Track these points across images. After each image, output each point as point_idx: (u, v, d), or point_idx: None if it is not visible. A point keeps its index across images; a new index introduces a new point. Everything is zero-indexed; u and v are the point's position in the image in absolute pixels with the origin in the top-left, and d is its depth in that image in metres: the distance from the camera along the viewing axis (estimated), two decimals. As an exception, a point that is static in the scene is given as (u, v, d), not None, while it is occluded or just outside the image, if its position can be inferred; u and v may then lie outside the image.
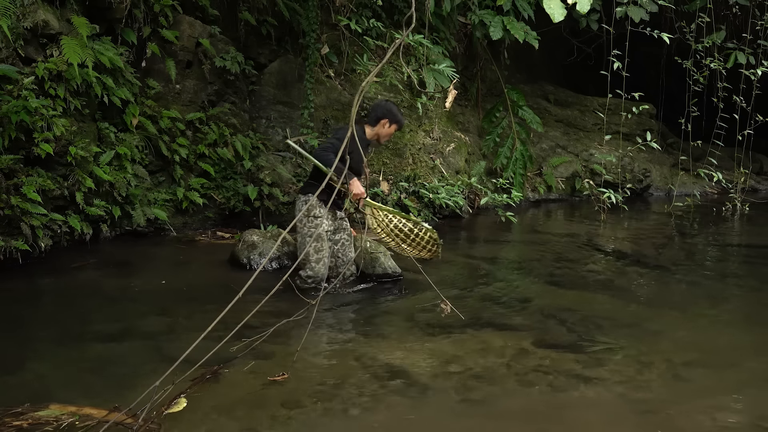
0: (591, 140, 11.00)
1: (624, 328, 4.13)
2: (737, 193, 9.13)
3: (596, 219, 8.32)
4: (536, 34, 8.26)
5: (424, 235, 4.62)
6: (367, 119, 4.87)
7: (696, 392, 3.22)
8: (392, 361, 3.49)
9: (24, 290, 4.62)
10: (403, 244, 4.62)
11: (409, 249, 4.64)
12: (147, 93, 6.33)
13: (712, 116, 8.97)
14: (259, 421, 2.82)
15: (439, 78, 7.62)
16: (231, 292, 3.47)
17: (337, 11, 7.61)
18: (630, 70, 7.96)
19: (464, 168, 8.85)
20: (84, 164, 5.45)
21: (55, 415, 2.75)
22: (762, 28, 9.01)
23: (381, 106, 4.87)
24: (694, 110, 8.85)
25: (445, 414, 2.93)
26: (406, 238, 4.60)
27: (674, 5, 9.36)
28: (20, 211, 4.81)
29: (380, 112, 4.79)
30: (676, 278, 5.51)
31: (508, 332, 4.01)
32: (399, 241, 4.62)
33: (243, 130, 7.07)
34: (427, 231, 4.63)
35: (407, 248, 4.64)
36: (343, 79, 7.84)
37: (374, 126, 4.78)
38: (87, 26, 5.47)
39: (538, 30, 8.40)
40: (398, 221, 4.57)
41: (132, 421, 2.67)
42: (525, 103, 9.71)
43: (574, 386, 3.21)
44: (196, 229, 6.58)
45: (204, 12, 6.88)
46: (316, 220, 4.64)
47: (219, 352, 3.15)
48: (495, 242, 7.08)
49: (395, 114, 4.80)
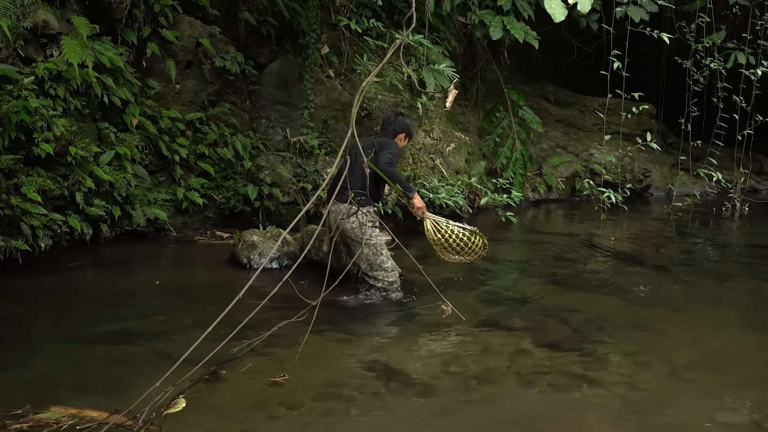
0: (591, 140, 11.01)
1: (624, 328, 4.13)
2: (737, 193, 9.13)
3: (596, 219, 8.32)
4: (536, 34, 8.26)
5: (478, 241, 4.67)
6: (381, 131, 4.92)
7: (696, 392, 3.22)
8: (392, 361, 3.49)
9: (24, 290, 4.62)
10: (458, 254, 4.68)
11: (462, 256, 4.70)
12: (147, 93, 6.33)
13: (712, 116, 8.97)
14: (260, 421, 2.82)
15: (439, 78, 7.62)
16: (231, 292, 3.47)
17: (337, 11, 7.61)
18: (630, 70, 7.96)
19: (464, 168, 8.85)
20: (84, 164, 5.45)
21: (56, 418, 2.74)
22: (762, 28, 9.01)
23: (399, 120, 4.87)
24: (694, 110, 8.85)
25: (446, 414, 2.93)
26: (464, 246, 4.64)
27: (674, 5, 9.36)
28: (20, 211, 4.81)
29: (399, 126, 4.84)
30: (676, 278, 5.51)
31: (508, 332, 4.01)
32: (457, 251, 4.67)
33: (243, 130, 7.07)
34: (482, 237, 4.71)
35: (459, 257, 4.70)
36: (343, 79, 7.84)
37: (392, 140, 4.82)
38: (87, 26, 5.47)
39: (538, 30, 8.39)
40: (459, 231, 4.63)
41: (132, 423, 2.67)
42: (525, 103, 9.71)
43: (574, 386, 3.22)
44: (196, 229, 6.59)
45: (204, 12, 6.88)
46: (377, 230, 4.70)
47: (219, 353, 3.15)
48: (495, 242, 7.07)
49: (411, 128, 4.90)
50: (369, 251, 4.62)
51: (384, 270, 4.66)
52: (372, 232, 4.64)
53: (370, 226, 4.63)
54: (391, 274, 4.69)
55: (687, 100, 8.89)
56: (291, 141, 7.31)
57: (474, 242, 4.65)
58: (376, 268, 4.64)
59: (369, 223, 4.62)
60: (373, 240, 4.64)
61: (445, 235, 4.61)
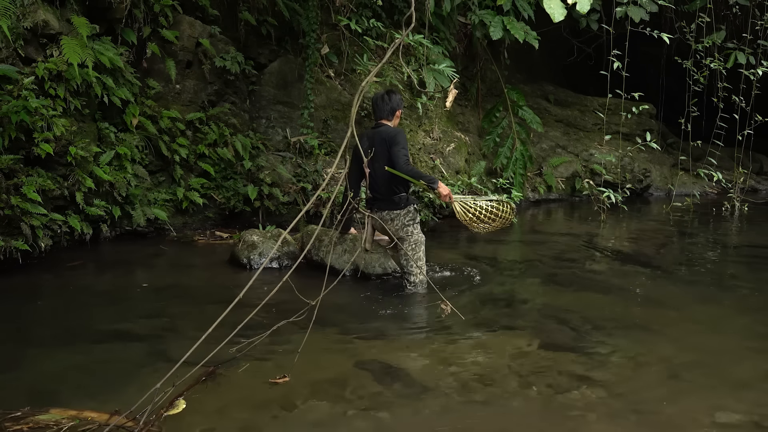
0: (591, 140, 11.00)
1: (624, 328, 4.13)
2: (737, 193, 9.13)
3: (596, 219, 8.32)
4: (536, 34, 8.26)
5: (506, 207, 4.89)
6: (377, 115, 4.83)
7: (696, 392, 3.22)
8: (392, 362, 3.49)
9: (24, 290, 4.62)
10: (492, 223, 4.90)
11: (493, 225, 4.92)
12: (147, 93, 6.33)
13: (712, 116, 8.96)
14: (259, 422, 2.82)
15: (439, 78, 7.62)
16: (231, 292, 3.48)
17: (337, 11, 7.61)
18: (630, 70, 7.95)
19: (464, 168, 8.85)
20: (84, 164, 5.45)
21: (56, 419, 2.72)
22: (762, 28, 9.01)
23: (394, 98, 4.82)
24: (694, 110, 8.84)
25: (446, 414, 2.93)
26: (495, 217, 4.88)
27: (674, 5, 9.35)
28: (20, 211, 4.81)
29: (396, 103, 4.82)
30: (675, 278, 5.51)
31: (508, 332, 4.01)
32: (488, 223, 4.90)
33: (243, 130, 7.07)
34: (507, 203, 4.93)
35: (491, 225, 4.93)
36: (343, 79, 7.84)
37: (392, 119, 4.82)
38: (87, 26, 5.47)
39: (538, 30, 8.39)
40: (487, 205, 4.86)
41: (133, 425, 2.66)
42: (525, 103, 9.71)
43: (574, 386, 3.21)
44: (196, 229, 6.59)
45: (204, 12, 6.88)
46: (418, 227, 4.82)
47: (219, 353, 3.14)
48: (495, 242, 7.08)
49: (401, 100, 4.93)
50: (409, 247, 4.76)
51: (417, 266, 4.79)
52: (413, 230, 4.78)
53: (412, 224, 4.78)
54: (423, 271, 4.82)
55: (687, 100, 8.89)
56: (291, 141, 7.31)
57: (503, 210, 4.85)
58: (414, 261, 4.78)
59: (410, 221, 4.76)
60: (414, 237, 4.78)
61: (476, 213, 4.80)
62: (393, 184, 4.67)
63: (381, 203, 4.75)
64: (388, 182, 4.65)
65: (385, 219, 4.75)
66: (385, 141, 4.63)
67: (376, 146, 4.64)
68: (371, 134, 4.77)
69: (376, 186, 4.73)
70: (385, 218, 4.75)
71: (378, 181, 4.70)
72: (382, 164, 4.60)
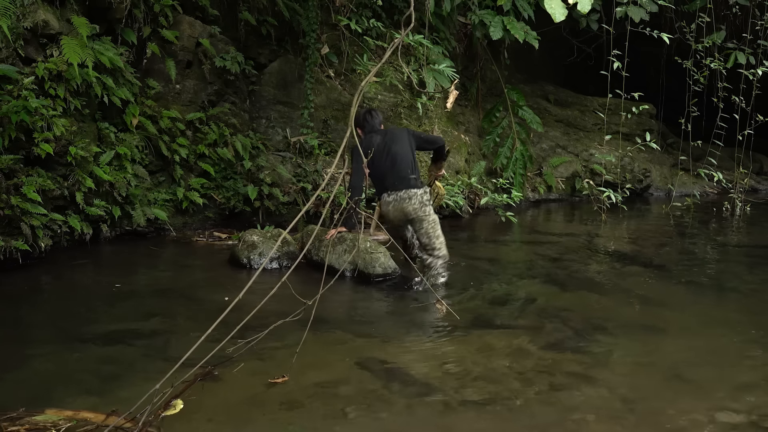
0: (591, 140, 11.00)
1: (624, 328, 4.12)
2: (737, 193, 9.13)
3: (596, 219, 8.32)
4: (536, 34, 8.26)
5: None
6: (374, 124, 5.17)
7: (696, 392, 3.22)
8: (392, 362, 3.48)
9: (23, 290, 4.62)
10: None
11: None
12: (147, 93, 6.33)
13: (712, 116, 8.96)
14: (259, 422, 2.81)
15: (439, 78, 7.62)
16: (230, 292, 3.48)
17: (337, 11, 7.61)
18: (630, 70, 7.95)
19: (464, 168, 8.85)
20: (84, 164, 5.45)
21: (53, 420, 2.70)
22: (762, 28, 9.01)
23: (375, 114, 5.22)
24: (694, 110, 8.85)
25: (446, 414, 2.93)
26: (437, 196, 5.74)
27: (674, 5, 9.35)
28: (20, 211, 4.81)
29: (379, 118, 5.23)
30: (676, 278, 5.51)
31: (508, 332, 4.01)
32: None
33: (243, 130, 7.07)
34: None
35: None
36: (343, 79, 7.84)
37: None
38: (87, 26, 5.47)
39: (538, 30, 8.39)
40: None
41: (131, 425, 2.64)
42: (525, 103, 9.71)
43: (574, 386, 3.21)
44: (196, 229, 6.59)
45: (204, 12, 6.88)
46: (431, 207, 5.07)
47: (217, 354, 3.14)
48: (495, 242, 7.08)
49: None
50: (429, 226, 4.96)
51: (441, 241, 5.01)
52: (429, 210, 5.01)
53: (429, 204, 5.02)
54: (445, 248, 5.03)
55: (687, 100, 8.89)
56: (291, 141, 7.31)
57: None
58: (436, 237, 4.99)
59: (427, 201, 5.00)
60: (432, 216, 5.00)
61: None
62: (413, 166, 4.97)
63: (400, 183, 4.93)
64: (411, 163, 4.95)
65: (403, 198, 4.90)
66: (402, 132, 5.14)
67: (392, 136, 5.02)
68: (382, 132, 5.11)
69: (397, 168, 4.93)
70: (403, 197, 4.90)
71: (399, 164, 4.93)
72: (404, 146, 4.97)
